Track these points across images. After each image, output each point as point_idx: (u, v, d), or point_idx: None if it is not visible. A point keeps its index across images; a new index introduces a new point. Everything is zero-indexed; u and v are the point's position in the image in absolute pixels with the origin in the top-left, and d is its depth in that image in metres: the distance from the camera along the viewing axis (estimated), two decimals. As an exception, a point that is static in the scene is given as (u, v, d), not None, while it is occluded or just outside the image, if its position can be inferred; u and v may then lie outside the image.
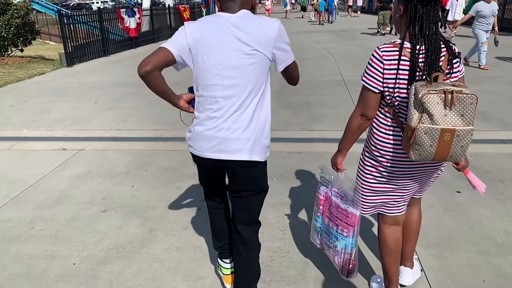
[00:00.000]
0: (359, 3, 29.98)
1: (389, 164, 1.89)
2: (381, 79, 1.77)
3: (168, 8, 17.91)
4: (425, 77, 1.72)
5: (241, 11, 1.83)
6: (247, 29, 1.78)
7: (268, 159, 2.04)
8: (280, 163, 4.10)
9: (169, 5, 18.54)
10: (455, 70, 1.79)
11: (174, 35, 1.85)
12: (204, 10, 21.57)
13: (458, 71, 1.80)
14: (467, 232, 2.86)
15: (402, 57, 1.73)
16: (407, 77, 1.73)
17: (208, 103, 1.84)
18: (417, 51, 1.72)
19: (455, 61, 1.78)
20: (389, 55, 1.75)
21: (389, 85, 1.77)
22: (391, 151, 1.86)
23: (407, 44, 1.75)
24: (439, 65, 1.73)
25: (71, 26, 11.05)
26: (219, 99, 1.82)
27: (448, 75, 1.76)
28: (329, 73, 8.68)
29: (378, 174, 1.96)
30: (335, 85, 7.49)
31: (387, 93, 1.80)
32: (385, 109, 1.86)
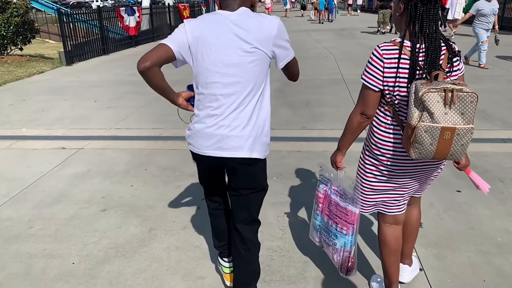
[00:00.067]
0: (359, 2, 29.95)
1: (389, 162, 1.89)
2: (381, 77, 1.77)
3: (167, 6, 17.89)
4: (425, 75, 1.72)
5: (241, 9, 1.83)
6: (247, 27, 1.78)
7: (267, 158, 2.03)
8: (279, 162, 4.09)
9: (168, 3, 18.50)
10: (455, 68, 1.79)
11: (173, 32, 1.85)
12: (204, 8, 21.58)
13: (458, 69, 1.80)
14: (467, 231, 2.85)
15: (402, 56, 1.73)
16: (407, 75, 1.73)
17: (208, 101, 1.84)
18: (417, 49, 1.72)
19: (455, 59, 1.78)
20: (389, 54, 1.75)
21: (389, 84, 1.77)
22: (391, 149, 1.86)
23: (407, 42, 1.74)
24: (439, 63, 1.73)
25: (70, 24, 11.03)
26: (219, 97, 1.81)
27: (448, 74, 1.76)
28: (329, 72, 8.67)
29: (378, 172, 1.95)
30: (335, 84, 7.48)
31: (387, 92, 1.79)
32: (385, 108, 1.86)
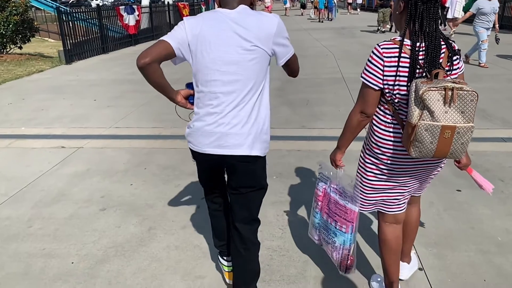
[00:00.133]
0: (359, 1, 29.91)
1: (389, 161, 1.89)
2: (381, 76, 1.76)
3: (167, 5, 17.85)
4: (425, 74, 1.72)
5: (240, 7, 1.83)
6: (247, 24, 1.78)
7: (267, 157, 2.03)
8: (279, 161, 4.08)
9: (168, 2, 18.46)
10: (455, 67, 1.79)
11: (173, 29, 1.85)
12: (203, 7, 21.56)
13: (458, 68, 1.81)
14: (467, 231, 2.85)
15: (402, 54, 1.73)
16: (407, 74, 1.73)
17: (207, 99, 1.84)
18: (417, 48, 1.72)
19: (455, 58, 1.78)
20: (389, 52, 1.75)
21: (389, 82, 1.76)
22: (391, 148, 1.86)
23: (407, 41, 1.74)
24: (439, 62, 1.73)
25: (70, 23, 11.00)
26: (219, 95, 1.81)
27: (448, 72, 1.76)
28: (328, 70, 8.66)
29: (378, 171, 1.95)
30: (335, 83, 7.47)
31: (387, 90, 1.79)
32: (385, 106, 1.86)
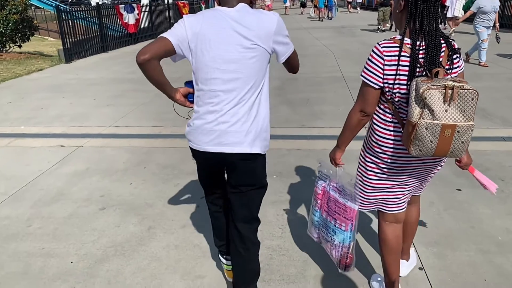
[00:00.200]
0: (359, 0, 29.87)
1: (389, 160, 1.89)
2: (381, 75, 1.76)
3: (167, 4, 17.83)
4: (425, 73, 1.72)
5: (239, 5, 1.83)
6: (246, 23, 1.78)
7: (267, 157, 2.03)
8: (279, 160, 4.08)
9: (168, 1, 18.43)
10: (455, 65, 1.79)
11: (173, 26, 1.85)
12: (203, 6, 21.53)
13: (458, 66, 1.81)
14: (468, 230, 2.84)
15: (402, 53, 1.73)
16: (407, 73, 1.73)
17: (207, 97, 1.83)
18: (418, 47, 1.72)
19: (454, 56, 1.78)
20: (390, 51, 1.75)
21: (389, 81, 1.76)
22: (392, 146, 1.86)
23: (407, 40, 1.74)
24: (439, 61, 1.73)
25: (69, 22, 10.99)
26: (219, 93, 1.81)
27: (448, 71, 1.76)
28: (328, 69, 8.65)
29: (379, 170, 1.95)
30: (335, 82, 7.46)
31: (387, 89, 1.79)
32: (385, 105, 1.86)
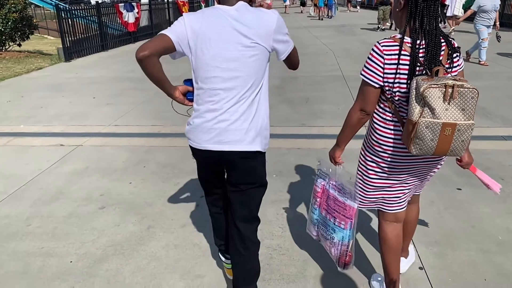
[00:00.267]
0: (359, -2, 29.88)
1: (390, 158, 1.89)
2: (381, 74, 1.76)
3: (167, 2, 17.80)
4: (425, 71, 1.72)
5: (239, 3, 1.83)
6: (246, 21, 1.78)
7: (267, 156, 2.02)
8: (279, 160, 4.07)
9: (168, -1, 18.44)
10: (455, 64, 1.79)
11: (173, 24, 1.84)
12: (203, 5, 21.51)
13: (458, 65, 1.81)
14: (468, 229, 2.84)
15: (402, 52, 1.72)
16: (407, 71, 1.73)
17: (207, 96, 1.83)
18: (418, 45, 1.72)
19: (454, 55, 1.78)
20: (390, 50, 1.74)
21: (389, 80, 1.76)
22: (392, 145, 1.86)
23: (407, 39, 1.74)
24: (439, 59, 1.73)
25: (69, 20, 10.98)
26: (219, 92, 1.81)
27: (448, 70, 1.76)
28: (328, 68, 8.64)
29: (379, 169, 1.95)
30: (335, 81, 7.45)
31: (387, 88, 1.79)
32: (385, 104, 1.86)
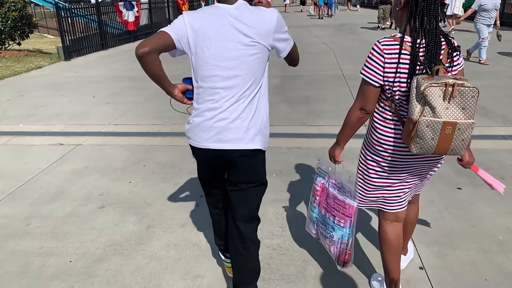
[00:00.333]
0: (359, -3, 29.87)
1: (390, 158, 1.89)
2: (382, 73, 1.76)
3: (166, 1, 17.77)
4: (425, 70, 1.72)
5: (239, 2, 1.82)
6: (246, 20, 1.77)
7: (267, 155, 2.02)
8: (279, 159, 4.06)
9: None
10: (455, 63, 1.79)
11: (173, 22, 1.84)
12: (203, 3, 21.49)
13: (457, 64, 1.81)
14: (468, 229, 2.83)
15: (402, 51, 1.72)
16: (407, 71, 1.73)
17: (207, 94, 1.83)
18: (418, 45, 1.72)
19: (454, 54, 1.78)
20: (390, 49, 1.74)
21: (389, 79, 1.76)
22: (392, 144, 1.86)
23: (408, 38, 1.74)
24: (439, 59, 1.73)
25: (69, 19, 10.97)
26: (219, 90, 1.80)
27: (448, 69, 1.76)
28: (328, 67, 8.63)
29: (380, 168, 1.95)
30: (335, 80, 7.44)
31: (387, 87, 1.79)
32: (385, 103, 1.86)
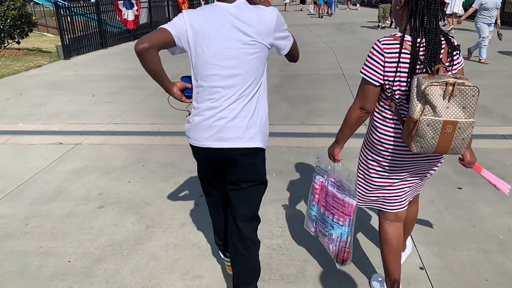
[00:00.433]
0: (359, -4, 29.84)
1: (390, 157, 1.88)
2: (382, 72, 1.75)
3: (166, 0, 17.75)
4: (425, 70, 1.71)
5: (238, 0, 1.82)
6: (246, 19, 1.77)
7: (266, 154, 2.01)
8: (279, 158, 4.05)
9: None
10: (455, 62, 1.78)
11: (173, 19, 1.83)
12: (203, 2, 21.46)
13: (457, 63, 1.80)
14: (469, 229, 2.82)
15: (403, 50, 1.72)
16: (407, 70, 1.72)
17: (207, 93, 1.82)
18: (418, 44, 1.71)
19: (454, 53, 1.78)
20: (390, 48, 1.74)
21: (389, 78, 1.76)
22: (392, 143, 1.85)
23: (408, 37, 1.73)
24: (440, 58, 1.72)
25: (68, 18, 10.95)
26: (219, 89, 1.80)
27: (449, 68, 1.76)
28: (328, 66, 8.61)
29: (381, 168, 1.95)
30: (335, 79, 7.43)
31: (387, 86, 1.78)
32: (385, 102, 1.85)
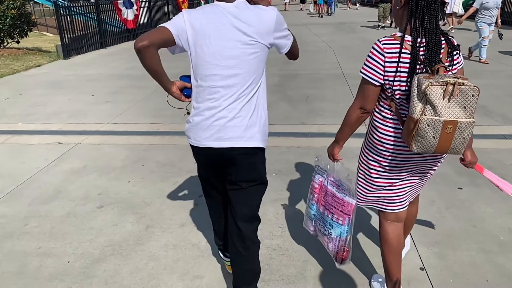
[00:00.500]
0: (359, -4, 29.80)
1: (390, 157, 1.88)
2: (382, 72, 1.75)
3: (166, -1, 17.76)
4: (425, 69, 1.71)
5: (238, 0, 1.81)
6: (246, 19, 1.77)
7: (266, 154, 2.01)
8: (279, 158, 4.04)
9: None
10: (455, 62, 1.78)
11: (173, 18, 1.83)
12: (203, 2, 21.44)
13: (457, 63, 1.80)
14: (469, 229, 2.82)
15: (403, 50, 1.71)
16: (407, 70, 1.72)
17: (207, 93, 1.82)
18: (418, 44, 1.71)
19: (454, 53, 1.77)
20: (390, 48, 1.73)
21: (389, 78, 1.75)
22: (392, 143, 1.85)
23: (408, 37, 1.73)
24: (440, 57, 1.72)
25: (68, 17, 10.93)
26: (219, 89, 1.80)
27: (449, 67, 1.76)
28: (328, 66, 8.61)
29: (381, 168, 1.94)
30: (335, 79, 7.42)
31: (387, 86, 1.78)
32: (385, 102, 1.85)
